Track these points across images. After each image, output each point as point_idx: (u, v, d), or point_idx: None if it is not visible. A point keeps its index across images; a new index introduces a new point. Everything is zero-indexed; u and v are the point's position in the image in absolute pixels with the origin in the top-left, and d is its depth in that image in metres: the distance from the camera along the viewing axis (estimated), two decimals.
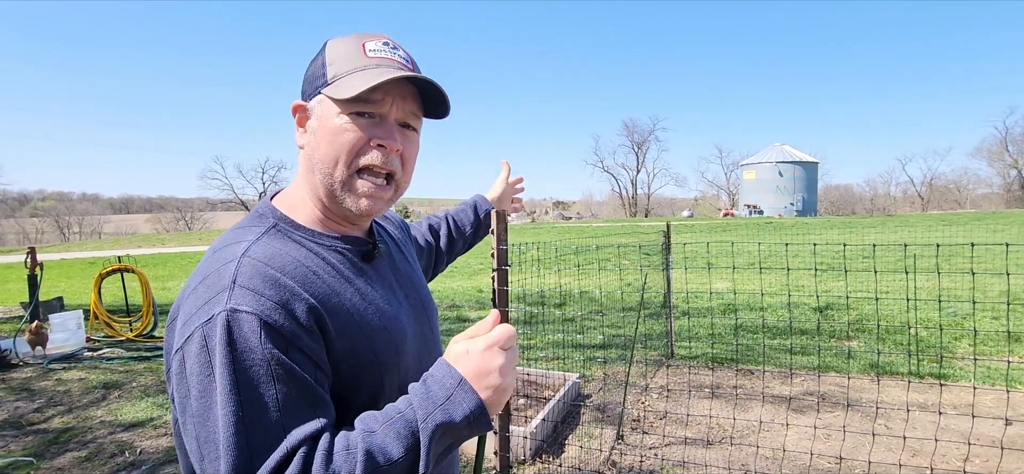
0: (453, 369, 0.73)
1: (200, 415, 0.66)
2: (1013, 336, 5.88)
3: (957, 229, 22.85)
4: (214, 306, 0.68)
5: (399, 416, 0.70)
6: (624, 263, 11.84)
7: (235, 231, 0.81)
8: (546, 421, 3.66)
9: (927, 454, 3.24)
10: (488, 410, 0.72)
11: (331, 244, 0.83)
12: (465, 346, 0.75)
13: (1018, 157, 62.97)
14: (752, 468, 3.23)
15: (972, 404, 3.88)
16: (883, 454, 3.30)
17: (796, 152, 61.67)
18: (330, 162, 0.80)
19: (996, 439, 3.35)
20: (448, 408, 0.70)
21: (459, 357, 0.74)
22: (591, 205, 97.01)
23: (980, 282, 8.97)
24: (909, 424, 3.72)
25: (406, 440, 0.68)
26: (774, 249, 15.33)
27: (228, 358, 0.66)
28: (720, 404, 4.25)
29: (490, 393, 0.72)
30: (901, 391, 4.37)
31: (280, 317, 0.69)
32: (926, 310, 7.20)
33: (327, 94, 0.80)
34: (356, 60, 0.81)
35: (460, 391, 0.71)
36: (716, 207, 76.93)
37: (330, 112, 0.80)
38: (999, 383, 4.49)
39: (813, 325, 6.71)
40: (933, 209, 63.79)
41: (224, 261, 0.73)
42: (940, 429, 3.56)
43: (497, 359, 0.73)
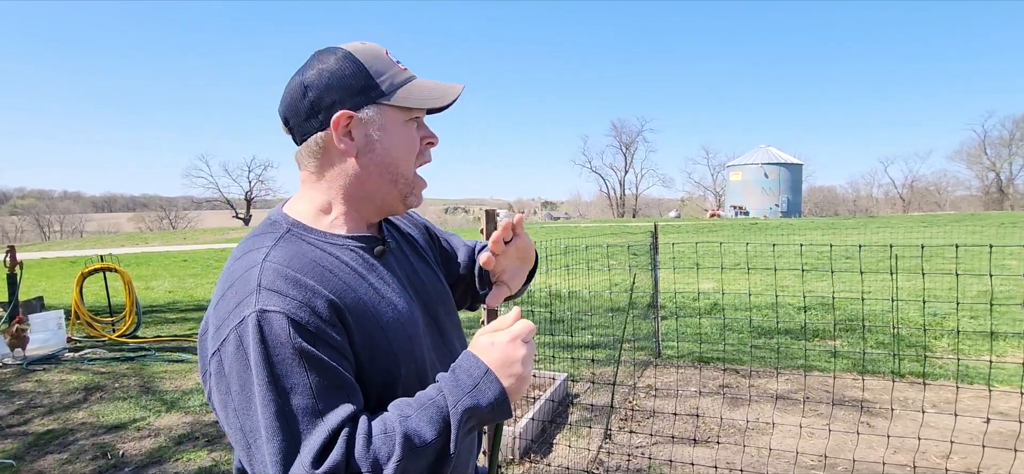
0: (479, 360, 0.80)
1: (243, 408, 0.73)
2: (1002, 335, 6.00)
3: (937, 230, 23.26)
4: (244, 309, 0.74)
5: (431, 402, 0.77)
6: (612, 263, 11.90)
7: (252, 239, 0.87)
8: (535, 421, 3.66)
9: (909, 451, 3.30)
10: (510, 397, 0.79)
11: (344, 243, 0.89)
12: (490, 338, 0.82)
13: (996, 160, 64.32)
14: (738, 466, 3.26)
15: (954, 401, 3.95)
16: (866, 451, 3.36)
17: (781, 154, 62.42)
18: (403, 165, 0.90)
19: (976, 436, 3.41)
20: (475, 395, 0.77)
21: (485, 349, 0.81)
22: (579, 205, 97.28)
23: (961, 282, 9.14)
24: (892, 422, 3.78)
25: (438, 424, 0.75)
26: (760, 249, 15.50)
27: (262, 353, 0.72)
28: (707, 403, 4.29)
29: (513, 382, 0.79)
30: (884, 390, 4.44)
31: (305, 314, 0.75)
32: (908, 310, 7.33)
33: (391, 104, 0.88)
34: (396, 71, 0.90)
35: (486, 380, 0.78)
36: (702, 208, 77.59)
37: (396, 121, 0.89)
38: (979, 381, 4.59)
39: (798, 325, 6.79)
40: (914, 210, 64.89)
41: (247, 268, 0.79)
42: (922, 427, 3.62)
43: (520, 350, 0.80)
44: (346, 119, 0.87)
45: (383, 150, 0.88)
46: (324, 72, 0.86)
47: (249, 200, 68.76)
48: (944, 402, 4.14)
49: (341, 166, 0.89)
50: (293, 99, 0.88)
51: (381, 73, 0.88)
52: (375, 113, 0.88)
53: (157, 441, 3.80)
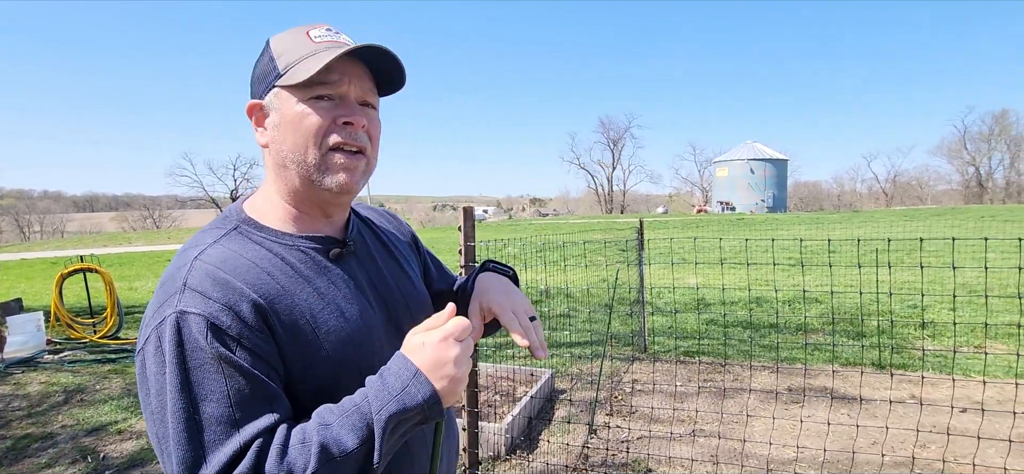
0: (409, 361, 0.75)
1: (158, 412, 0.70)
2: (970, 327, 6.14)
3: (919, 224, 23.67)
4: (166, 309, 0.71)
5: (354, 408, 0.72)
6: (599, 259, 11.96)
7: (198, 234, 0.83)
8: (520, 417, 3.69)
9: (882, 440, 3.37)
10: (442, 400, 0.75)
11: (294, 243, 0.84)
12: (421, 338, 0.77)
13: (975, 155, 65.50)
14: (719, 459, 3.31)
15: (941, 392, 4.03)
16: (842, 442, 3.42)
17: (767, 150, 63.02)
18: (301, 149, 0.81)
19: (950, 426, 3.49)
20: (403, 399, 0.72)
21: (415, 349, 0.76)
22: (568, 202, 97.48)
23: (940, 275, 9.31)
24: (868, 413, 3.86)
25: (361, 432, 0.70)
26: (746, 245, 15.64)
27: (178, 357, 0.69)
28: (691, 397, 4.34)
29: (445, 383, 0.75)
30: (866, 383, 4.53)
31: (227, 317, 0.71)
32: (889, 303, 7.46)
33: (282, 85, 0.81)
34: (304, 47, 0.81)
35: (415, 382, 0.73)
36: (690, 204, 78.13)
37: (289, 102, 0.81)
38: (958, 373, 4.69)
39: (782, 319, 6.89)
40: (897, 205, 65.92)
41: (179, 265, 0.76)
42: (897, 417, 3.70)
43: (452, 350, 0.75)
44: (255, 110, 0.84)
45: (282, 135, 0.82)
46: (253, 67, 0.85)
47: (235, 198, 67.44)
48: (928, 396, 4.23)
49: (267, 159, 0.86)
50: None
51: (283, 54, 0.81)
52: (272, 97, 0.82)
53: (139, 443, 3.76)
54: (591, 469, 3.27)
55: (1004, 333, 5.83)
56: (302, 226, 0.86)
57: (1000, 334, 5.82)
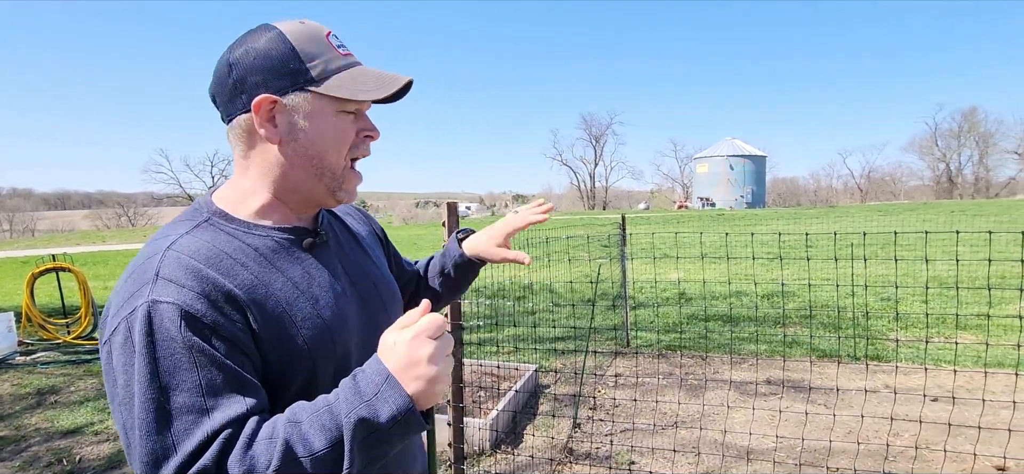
0: (382, 364, 0.72)
1: (125, 403, 0.68)
2: (940, 318, 6.32)
3: (892, 219, 24.25)
4: (137, 299, 0.70)
5: (326, 408, 0.70)
6: (582, 255, 12.03)
7: (168, 226, 0.82)
8: (505, 412, 3.70)
9: (856, 430, 3.46)
10: (420, 403, 0.71)
11: (267, 234, 0.84)
12: (394, 337, 0.74)
13: (946, 151, 67.29)
14: (699, 449, 3.37)
15: (915, 383, 4.15)
16: (820, 432, 3.51)
17: (746, 146, 63.89)
18: (331, 159, 0.84)
19: (922, 414, 3.60)
20: (374, 404, 0.69)
21: (387, 350, 0.73)
22: (550, 198, 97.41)
23: (912, 268, 9.56)
24: (844, 403, 3.95)
25: (330, 433, 0.68)
26: (725, 240, 15.88)
27: (148, 346, 0.68)
28: (672, 390, 4.40)
29: (421, 384, 0.71)
30: (839, 372, 4.64)
31: (202, 306, 0.71)
32: (864, 296, 7.64)
33: (321, 92, 0.81)
34: (333, 55, 0.83)
35: (387, 386, 0.70)
36: (671, 200, 78.94)
37: (325, 111, 0.82)
38: (929, 362, 4.83)
39: (761, 313, 7.01)
40: (871, 200, 67.39)
41: (150, 255, 0.75)
42: (872, 406, 3.80)
43: (425, 348, 0.72)
44: (269, 104, 0.80)
45: (308, 141, 0.82)
46: (252, 51, 0.80)
47: None
48: (903, 386, 4.35)
49: (265, 153, 0.84)
50: (219, 76, 0.82)
51: (314, 57, 0.81)
52: (302, 100, 0.81)
53: (115, 445, 3.69)
54: (575, 462, 3.30)
55: (973, 324, 6.02)
56: (276, 218, 0.86)
57: (969, 325, 6.00)
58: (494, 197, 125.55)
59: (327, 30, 0.85)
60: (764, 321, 6.61)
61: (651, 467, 3.20)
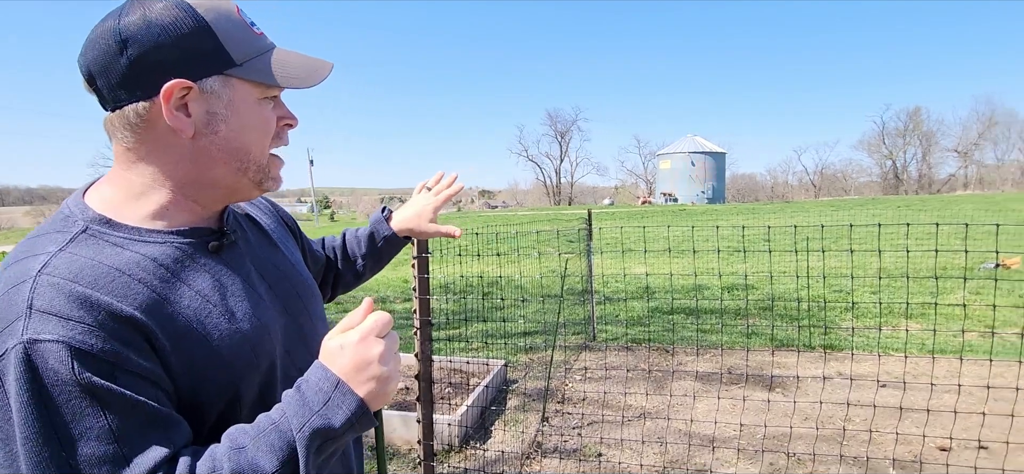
0: (328, 371, 0.67)
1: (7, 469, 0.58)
2: (889, 308, 6.63)
3: (844, 213, 25.30)
4: (6, 340, 0.58)
5: (272, 427, 0.64)
6: (550, 250, 12.10)
7: (32, 240, 0.67)
8: (473, 408, 3.68)
9: (814, 417, 3.60)
10: (372, 404, 0.68)
11: (163, 240, 0.71)
12: (339, 341, 0.69)
13: (892, 149, 70.64)
14: (665, 438, 3.44)
15: (858, 370, 4.33)
16: (780, 419, 3.63)
17: (706, 143, 65.48)
18: (255, 149, 0.76)
19: (875, 400, 3.77)
20: (326, 413, 0.65)
21: (334, 355, 0.68)
22: (516, 194, 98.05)
23: (864, 260, 10.01)
24: (802, 391, 4.10)
25: (281, 452, 0.63)
26: (688, 234, 16.26)
27: (32, 397, 0.56)
28: (638, 383, 4.48)
29: (373, 386, 0.68)
30: (798, 361, 4.81)
31: (96, 340, 0.60)
32: (821, 287, 7.94)
33: (244, 77, 0.72)
34: (250, 36, 0.74)
35: (338, 393, 0.66)
36: (635, 195, 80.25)
37: (248, 98, 0.73)
38: (880, 350, 5.06)
39: (723, 305, 7.20)
40: (824, 196, 70.11)
41: (15, 282, 0.61)
42: (828, 393, 3.95)
43: (375, 348, 0.68)
44: (181, 90, 0.68)
45: (230, 132, 0.72)
46: (154, 24, 0.66)
47: None
48: (860, 373, 4.54)
49: (171, 146, 0.71)
50: (105, 52, 0.67)
51: (233, 38, 0.71)
52: (221, 86, 0.71)
53: None
54: (544, 456, 3.31)
55: (919, 313, 6.34)
56: (173, 220, 0.73)
57: (915, 314, 6.32)
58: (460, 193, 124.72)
59: (235, 4, 0.74)
60: (726, 313, 6.79)
61: (619, 458, 3.25)
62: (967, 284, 7.77)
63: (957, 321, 5.87)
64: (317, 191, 68.17)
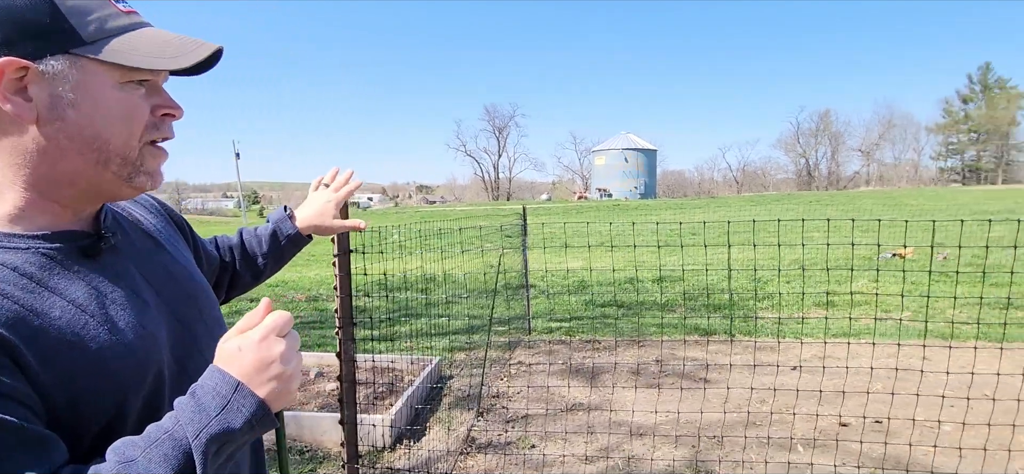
0: (226, 374, 0.64)
1: None
2: (797, 297, 7.15)
3: (762, 208, 27.00)
4: None
5: (166, 437, 0.60)
6: (488, 245, 12.15)
7: None
8: (406, 406, 3.65)
9: (733, 401, 3.84)
10: (273, 405, 0.66)
11: (28, 246, 0.64)
12: (238, 342, 0.66)
13: (806, 148, 75.97)
14: (593, 428, 3.55)
15: (767, 356, 4.65)
16: (713, 405, 3.84)
17: (639, 140, 67.79)
18: (116, 141, 0.67)
19: (778, 382, 4.06)
20: (226, 418, 0.62)
21: (232, 357, 0.65)
22: (455, 189, 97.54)
23: (777, 252, 10.72)
24: (716, 375, 4.35)
25: (175, 461, 0.59)
26: (621, 229, 16.80)
27: None
28: (571, 375, 4.59)
29: (274, 385, 0.65)
30: (720, 350, 5.09)
31: None
32: (740, 278, 8.43)
33: (96, 58, 0.63)
34: (111, 12, 0.66)
35: (238, 397, 0.63)
36: (571, 191, 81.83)
37: (102, 81, 0.64)
38: (787, 336, 5.44)
39: (651, 297, 7.51)
40: (746, 191, 74.35)
41: None
42: (739, 377, 4.22)
43: (276, 347, 0.66)
44: (17, 70, 0.60)
45: (81, 119, 0.64)
46: None
47: None
48: (763, 356, 4.86)
49: (13, 136, 0.64)
50: None
51: (83, 12, 0.63)
52: (67, 67, 0.62)
53: None
54: (477, 452, 3.33)
55: (830, 301, 6.88)
56: (33, 223, 0.66)
57: (820, 302, 6.85)
58: (397, 188, 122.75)
59: None
60: (655, 305, 7.08)
61: (550, 450, 3.32)
62: (868, 274, 8.52)
63: (858, 308, 6.42)
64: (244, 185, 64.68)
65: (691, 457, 3.21)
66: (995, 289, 7.21)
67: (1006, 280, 7.64)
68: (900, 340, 5.16)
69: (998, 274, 8.01)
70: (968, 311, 6.17)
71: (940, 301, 6.55)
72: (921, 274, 8.23)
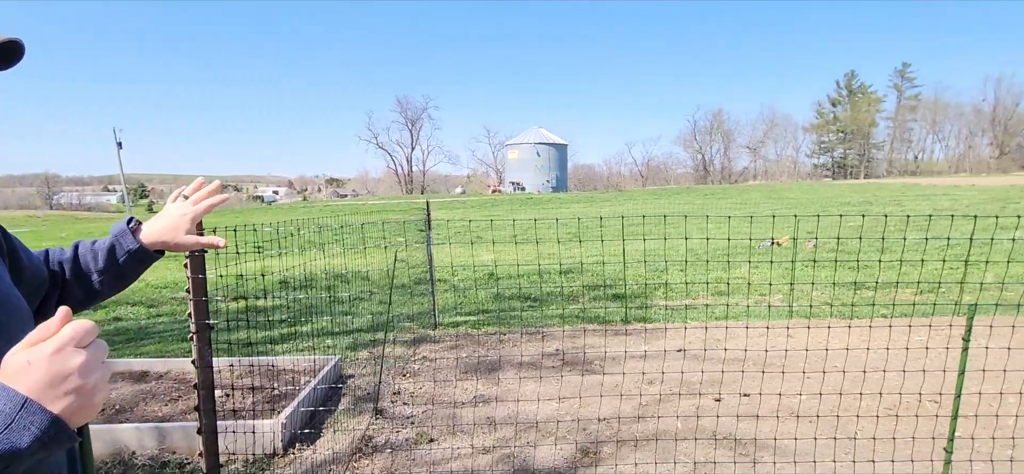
0: (10, 390, 0.61)
1: None
2: (690, 285, 7.70)
3: (665, 201, 28.69)
4: None
5: None
6: (399, 240, 11.90)
7: None
8: (300, 409, 3.53)
9: (622, 382, 4.08)
10: (73, 420, 0.63)
11: None
12: (26, 356, 0.63)
13: (702, 145, 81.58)
14: (495, 420, 3.64)
15: (658, 341, 4.98)
16: (594, 388, 4.05)
17: (550, 135, 69.33)
18: None
19: (666, 365, 4.38)
20: (9, 437, 0.59)
21: (19, 372, 0.62)
22: (367, 182, 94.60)
23: (674, 244, 11.45)
24: (612, 360, 4.61)
25: None
26: (532, 223, 17.15)
27: None
28: (472, 369, 4.65)
29: (71, 400, 0.63)
30: (616, 339, 5.38)
31: None
32: (642, 269, 8.93)
33: None
34: None
35: (25, 414, 0.60)
36: (486, 184, 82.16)
37: None
38: (676, 321, 5.86)
39: (556, 289, 7.75)
40: (649, 185, 78.47)
41: None
42: (633, 362, 4.50)
43: (73, 359, 0.63)
44: None
45: None
46: None
47: None
48: (655, 341, 5.20)
49: None
50: None
51: None
52: None
53: None
54: (374, 451, 3.30)
55: (714, 289, 7.47)
56: None
57: (705, 290, 7.43)
58: (305, 181, 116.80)
59: None
60: (558, 296, 7.33)
61: (448, 445, 3.36)
62: (750, 262, 9.34)
63: (737, 295, 7.04)
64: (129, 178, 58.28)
65: (584, 442, 3.38)
66: (850, 272, 8.20)
67: (856, 264, 8.70)
68: (769, 321, 5.75)
69: (850, 258, 9.12)
70: (826, 293, 6.97)
71: (804, 286, 7.34)
72: (794, 261, 9.17)
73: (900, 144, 74.60)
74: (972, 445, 3.07)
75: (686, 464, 3.09)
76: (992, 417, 3.35)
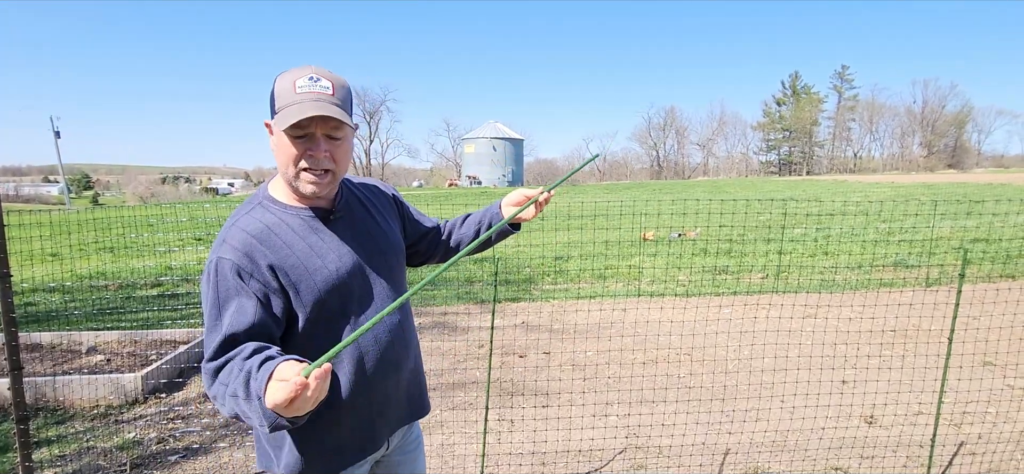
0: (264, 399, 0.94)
1: (205, 313, 1.14)
2: (594, 270, 8.51)
3: (614, 196, 29.71)
4: (215, 253, 1.16)
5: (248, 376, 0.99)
6: None
7: (240, 207, 1.25)
8: (165, 366, 4.14)
9: (460, 346, 4.81)
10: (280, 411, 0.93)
11: (296, 212, 1.23)
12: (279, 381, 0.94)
13: (656, 141, 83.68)
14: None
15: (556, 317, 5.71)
16: (448, 350, 4.76)
17: (507, 130, 69.81)
18: (283, 166, 1.20)
19: (570, 346, 5.14)
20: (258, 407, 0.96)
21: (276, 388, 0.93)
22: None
23: (592, 233, 12.32)
24: (470, 334, 5.34)
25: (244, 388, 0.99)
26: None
27: (215, 282, 1.13)
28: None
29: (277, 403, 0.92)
30: (486, 314, 6.11)
31: (246, 264, 1.13)
32: (538, 255, 9.68)
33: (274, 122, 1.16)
34: (289, 96, 1.14)
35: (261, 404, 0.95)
36: (446, 178, 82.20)
37: (279, 133, 1.16)
38: (576, 297, 6.64)
39: (467, 274, 8.46)
40: (607, 180, 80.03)
41: (228, 226, 1.20)
42: (482, 334, 5.25)
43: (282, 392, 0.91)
44: (268, 126, 1.20)
45: (275, 152, 1.20)
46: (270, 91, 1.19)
47: None
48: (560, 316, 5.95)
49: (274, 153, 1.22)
50: None
51: (278, 97, 1.16)
52: (273, 124, 1.17)
53: None
54: None
55: (612, 274, 8.31)
56: (300, 201, 1.24)
57: (600, 274, 8.24)
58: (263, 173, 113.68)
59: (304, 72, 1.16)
60: (463, 281, 8.05)
61: None
62: (650, 251, 10.24)
63: (626, 279, 7.89)
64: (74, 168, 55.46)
65: None
66: (724, 258, 9.16)
67: (735, 251, 9.70)
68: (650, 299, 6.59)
69: (731, 246, 10.12)
70: (694, 276, 7.90)
71: (681, 271, 8.26)
72: (683, 250, 10.11)
73: (841, 143, 78.21)
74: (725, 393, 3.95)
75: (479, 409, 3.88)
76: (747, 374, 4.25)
